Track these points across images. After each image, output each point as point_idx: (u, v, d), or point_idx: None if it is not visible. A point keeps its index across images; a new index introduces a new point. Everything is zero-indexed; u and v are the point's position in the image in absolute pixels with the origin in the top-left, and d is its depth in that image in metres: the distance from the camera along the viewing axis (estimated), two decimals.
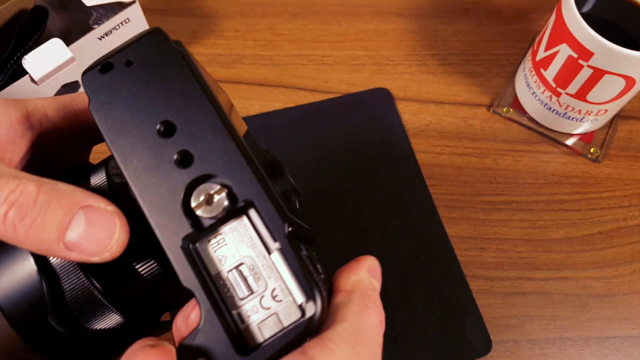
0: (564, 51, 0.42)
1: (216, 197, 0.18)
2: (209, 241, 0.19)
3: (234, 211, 0.18)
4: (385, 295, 0.41)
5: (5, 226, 0.18)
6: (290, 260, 0.18)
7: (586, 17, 0.39)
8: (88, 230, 0.18)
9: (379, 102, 0.50)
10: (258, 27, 0.54)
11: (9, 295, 0.20)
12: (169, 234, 0.18)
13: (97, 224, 0.18)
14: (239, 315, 0.18)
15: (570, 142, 0.48)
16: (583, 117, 0.46)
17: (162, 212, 0.18)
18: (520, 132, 0.49)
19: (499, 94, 0.50)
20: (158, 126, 0.19)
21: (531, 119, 0.49)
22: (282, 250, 0.18)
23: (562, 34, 0.41)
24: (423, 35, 0.54)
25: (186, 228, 0.18)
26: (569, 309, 0.41)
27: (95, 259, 0.19)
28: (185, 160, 0.19)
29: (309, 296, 0.18)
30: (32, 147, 0.23)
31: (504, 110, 0.49)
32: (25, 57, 0.41)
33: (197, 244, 0.19)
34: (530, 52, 0.48)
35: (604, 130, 0.49)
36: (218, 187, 0.18)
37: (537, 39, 0.46)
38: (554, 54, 0.43)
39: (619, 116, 0.49)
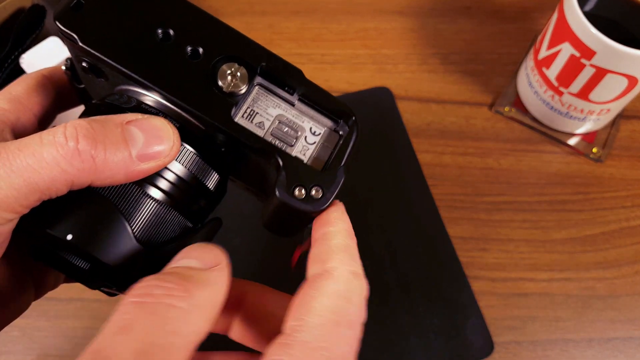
0: (566, 50, 0.41)
1: (238, 73, 0.21)
2: (242, 116, 0.22)
3: (252, 80, 0.22)
4: (387, 296, 0.41)
5: (82, 159, 0.18)
6: (312, 98, 0.22)
7: (588, 15, 0.39)
8: (147, 137, 0.19)
9: (379, 101, 0.49)
10: (257, 25, 0.53)
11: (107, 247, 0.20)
12: (221, 116, 0.21)
13: (148, 129, 0.19)
14: (297, 155, 0.22)
15: (572, 141, 0.48)
16: (585, 117, 0.45)
17: (204, 101, 0.20)
18: (522, 131, 0.48)
19: (501, 93, 0.50)
20: (158, 35, 0.21)
21: (533, 119, 0.48)
22: (301, 98, 0.22)
23: (564, 33, 0.41)
24: (424, 34, 0.54)
25: (229, 106, 0.21)
26: (572, 310, 0.41)
27: (168, 158, 0.19)
28: (195, 53, 0.21)
29: (336, 121, 0.23)
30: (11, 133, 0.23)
31: (506, 109, 0.49)
32: (23, 56, 0.40)
33: (241, 117, 0.21)
34: (532, 51, 0.47)
35: (606, 129, 0.48)
36: (234, 63, 0.21)
37: (539, 37, 0.46)
38: (556, 53, 0.43)
39: (621, 116, 0.49)
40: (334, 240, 0.20)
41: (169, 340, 0.16)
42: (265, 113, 0.22)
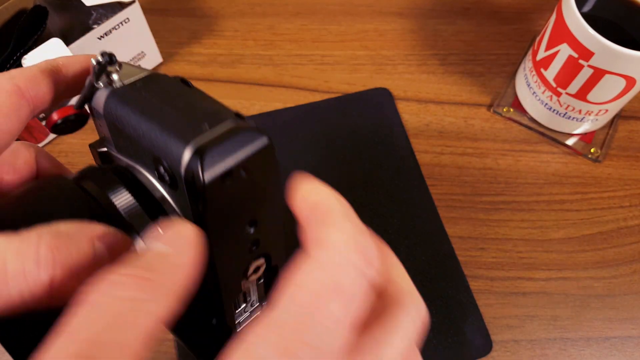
0: (565, 51, 0.42)
1: (260, 269, 0.22)
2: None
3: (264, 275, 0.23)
4: None
5: (52, 292, 0.16)
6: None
7: (586, 17, 0.39)
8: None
9: (379, 101, 0.50)
10: (258, 27, 0.54)
11: None
12: (230, 296, 0.22)
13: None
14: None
15: (570, 142, 0.48)
16: (583, 117, 0.46)
17: (230, 279, 0.21)
18: (520, 132, 0.49)
19: (499, 94, 0.50)
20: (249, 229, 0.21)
21: (531, 119, 0.49)
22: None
23: (562, 34, 0.41)
24: (423, 35, 0.54)
25: (240, 289, 0.22)
26: (570, 309, 0.41)
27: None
28: (256, 244, 0.21)
29: None
30: (25, 119, 0.21)
31: (504, 110, 0.49)
32: (25, 56, 0.41)
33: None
34: (530, 52, 0.48)
35: (605, 130, 0.49)
36: (262, 260, 0.22)
37: (538, 38, 0.46)
38: (555, 54, 0.43)
39: (619, 116, 0.49)
40: (323, 216, 0.18)
41: (119, 335, 0.14)
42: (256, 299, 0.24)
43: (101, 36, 0.44)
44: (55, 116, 0.24)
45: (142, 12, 0.46)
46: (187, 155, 0.17)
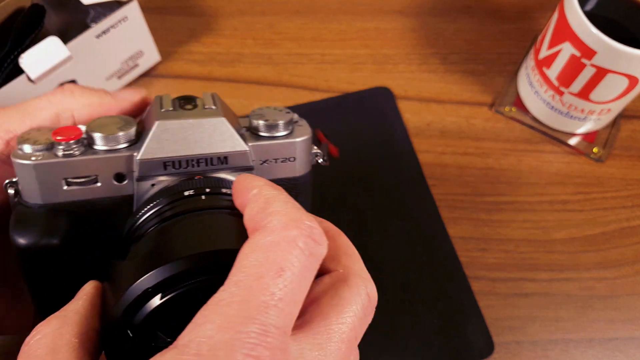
0: (567, 50, 0.41)
1: None
2: None
3: None
4: (386, 296, 0.41)
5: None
6: None
7: (589, 15, 0.39)
8: None
9: (379, 101, 0.49)
10: (257, 25, 0.53)
11: None
12: None
13: None
14: None
15: (573, 141, 0.48)
16: (586, 117, 0.45)
17: None
18: (522, 131, 0.48)
19: (501, 93, 0.50)
20: None
21: (534, 119, 0.48)
22: None
23: (564, 33, 0.41)
24: (424, 33, 0.54)
25: None
26: (572, 310, 0.41)
27: None
28: None
29: None
30: None
31: (506, 109, 0.49)
32: (22, 55, 0.40)
33: None
34: (532, 50, 0.47)
35: (607, 129, 0.48)
36: None
37: (540, 37, 0.46)
38: (557, 53, 0.43)
39: (622, 115, 0.49)
40: (264, 202, 0.19)
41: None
42: None
43: (99, 35, 0.43)
44: None
45: (141, 10, 0.46)
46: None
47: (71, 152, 0.23)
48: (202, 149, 0.24)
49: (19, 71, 0.41)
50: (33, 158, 0.22)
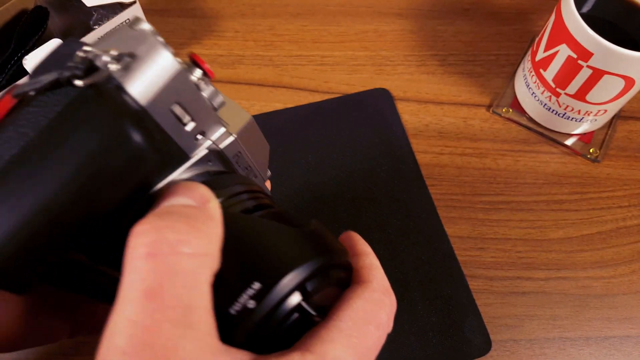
0: (564, 51, 0.42)
1: None
2: None
3: None
4: None
5: None
6: None
7: (585, 17, 0.39)
8: None
9: (378, 102, 0.50)
10: (258, 27, 0.54)
11: None
12: None
13: None
14: None
15: (569, 142, 0.48)
16: (582, 118, 0.46)
17: None
18: (519, 132, 0.49)
19: (499, 95, 0.50)
20: None
21: (531, 119, 0.49)
22: None
23: (561, 35, 0.41)
24: (422, 35, 0.54)
25: None
26: (569, 309, 0.42)
27: None
28: None
29: None
30: None
31: (504, 110, 0.50)
32: (26, 57, 0.41)
33: None
34: (529, 52, 0.48)
35: (604, 130, 0.49)
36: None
37: (537, 39, 0.46)
38: (554, 55, 0.43)
39: (618, 116, 0.49)
40: (370, 260, 0.24)
41: (195, 294, 0.16)
42: None
43: (102, 37, 0.44)
44: None
45: (143, 12, 0.46)
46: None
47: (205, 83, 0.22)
48: None
49: (23, 73, 0.41)
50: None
